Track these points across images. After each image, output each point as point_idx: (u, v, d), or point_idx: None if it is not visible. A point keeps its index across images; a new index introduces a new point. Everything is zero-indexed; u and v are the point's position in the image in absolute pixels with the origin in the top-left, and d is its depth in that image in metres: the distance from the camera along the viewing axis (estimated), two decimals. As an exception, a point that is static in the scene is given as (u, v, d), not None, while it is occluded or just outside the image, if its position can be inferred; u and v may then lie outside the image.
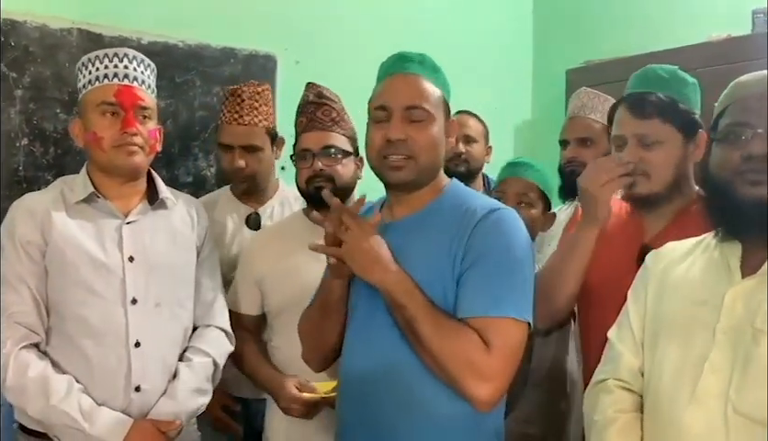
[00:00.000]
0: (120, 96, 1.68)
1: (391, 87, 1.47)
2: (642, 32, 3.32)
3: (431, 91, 1.46)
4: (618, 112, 1.68)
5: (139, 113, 1.70)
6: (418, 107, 1.44)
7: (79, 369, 1.62)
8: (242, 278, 2.03)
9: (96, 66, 1.71)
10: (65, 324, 1.63)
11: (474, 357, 1.31)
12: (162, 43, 2.60)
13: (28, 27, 2.36)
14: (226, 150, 2.23)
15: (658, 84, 1.65)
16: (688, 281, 1.34)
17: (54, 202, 1.68)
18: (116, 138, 1.67)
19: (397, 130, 1.43)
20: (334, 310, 1.53)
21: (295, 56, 2.94)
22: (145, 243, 1.72)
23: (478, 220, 1.40)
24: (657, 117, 1.61)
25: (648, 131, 1.61)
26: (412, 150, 1.43)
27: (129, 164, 1.70)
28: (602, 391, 1.40)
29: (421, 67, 1.48)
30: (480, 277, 1.37)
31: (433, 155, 1.46)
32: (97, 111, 1.68)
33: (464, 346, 1.32)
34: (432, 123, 1.45)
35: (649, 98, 1.62)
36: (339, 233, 1.41)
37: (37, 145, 2.38)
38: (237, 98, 2.21)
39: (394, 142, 1.43)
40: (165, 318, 1.72)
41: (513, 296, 1.37)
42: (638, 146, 1.62)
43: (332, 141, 1.92)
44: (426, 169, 1.46)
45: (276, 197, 2.34)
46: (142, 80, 1.75)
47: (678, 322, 1.31)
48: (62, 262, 1.63)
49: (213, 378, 1.79)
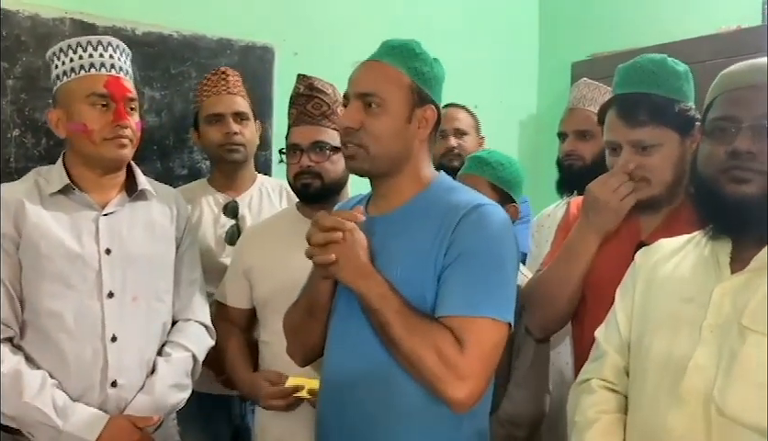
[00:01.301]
0: (111, 88, 1.65)
1: (353, 75, 1.45)
2: (649, 24, 3.25)
3: (390, 77, 1.41)
4: (609, 117, 1.61)
5: (128, 105, 1.68)
6: (371, 95, 1.40)
7: (54, 364, 1.59)
8: (232, 270, 2.01)
9: (78, 54, 1.67)
10: (40, 318, 1.59)
11: (447, 357, 1.27)
12: (156, 33, 2.57)
13: (20, 16, 2.33)
14: (215, 121, 2.24)
15: (648, 82, 1.56)
16: (676, 278, 1.30)
17: (28, 193, 1.64)
18: (107, 130, 1.64)
19: (346, 117, 1.41)
20: (320, 311, 1.50)
21: (293, 48, 2.90)
22: (123, 235, 1.69)
23: (461, 216, 1.35)
24: (650, 123, 1.54)
25: (643, 137, 1.54)
26: (362, 139, 1.40)
27: (119, 157, 1.67)
28: (584, 392, 1.36)
29: (390, 53, 1.43)
30: (459, 276, 1.32)
31: (387, 145, 1.40)
32: (86, 102, 1.65)
33: (436, 346, 1.28)
34: (387, 111, 1.40)
35: (641, 103, 1.54)
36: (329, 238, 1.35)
37: (28, 136, 2.35)
38: (221, 75, 2.29)
39: (346, 130, 1.41)
40: (143, 312, 1.69)
41: (493, 295, 1.32)
42: (634, 152, 1.55)
43: (321, 136, 1.89)
44: (381, 159, 1.41)
45: (254, 186, 2.34)
46: (126, 70, 1.72)
47: (664, 320, 1.27)
48: (36, 255, 1.59)
49: (193, 374, 1.76)
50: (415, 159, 1.44)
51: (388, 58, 1.43)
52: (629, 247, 1.55)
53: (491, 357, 1.31)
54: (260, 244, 1.96)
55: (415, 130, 1.42)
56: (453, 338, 1.28)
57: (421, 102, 1.43)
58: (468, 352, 1.27)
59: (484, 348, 1.29)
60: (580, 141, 2.20)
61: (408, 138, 1.42)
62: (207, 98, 2.28)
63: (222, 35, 2.72)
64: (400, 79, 1.41)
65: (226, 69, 2.33)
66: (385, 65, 1.42)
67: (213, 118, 2.25)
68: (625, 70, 1.63)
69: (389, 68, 1.42)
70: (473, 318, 1.30)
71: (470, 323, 1.29)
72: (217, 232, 2.25)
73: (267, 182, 2.41)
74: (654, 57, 1.61)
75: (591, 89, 2.23)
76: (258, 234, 2.03)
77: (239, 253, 2.02)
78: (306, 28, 2.95)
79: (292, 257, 1.70)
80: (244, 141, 2.26)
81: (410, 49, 1.44)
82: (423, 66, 1.43)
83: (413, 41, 1.47)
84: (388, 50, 1.44)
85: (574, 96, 2.26)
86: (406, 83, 1.41)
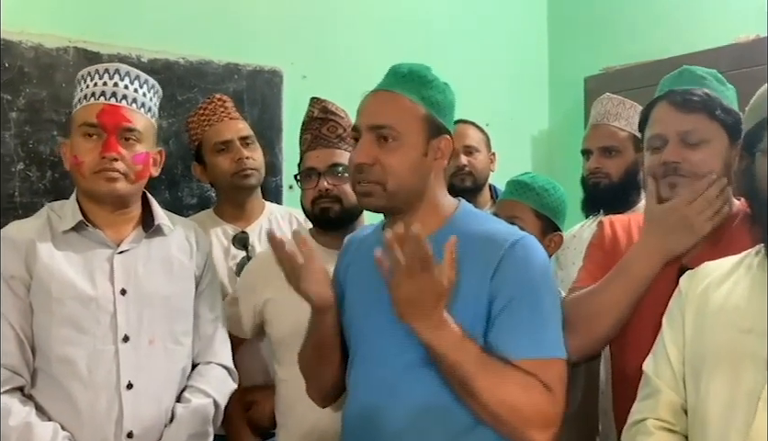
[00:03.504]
0: (102, 117, 1.57)
1: (362, 106, 1.38)
2: (663, 35, 3.19)
3: (404, 108, 1.34)
4: (657, 109, 1.53)
5: (122, 135, 1.58)
6: (385, 127, 1.33)
7: (66, 415, 1.50)
8: (242, 298, 1.92)
9: (86, 83, 1.62)
10: (51, 365, 1.51)
11: (542, 406, 1.25)
12: (162, 60, 2.51)
13: (23, 47, 2.27)
14: (222, 149, 2.18)
15: (699, 83, 1.51)
16: (731, 307, 1.21)
17: (40, 231, 1.57)
18: (95, 163, 1.56)
19: (360, 153, 1.34)
20: (330, 351, 1.43)
21: (302, 71, 2.84)
22: (139, 273, 1.60)
23: (503, 253, 1.29)
24: (703, 112, 1.46)
25: (692, 128, 1.45)
26: (378, 175, 1.32)
27: (108, 192, 1.58)
28: (640, 433, 1.27)
29: (401, 82, 1.36)
30: (521, 316, 1.28)
31: (405, 180, 1.33)
32: (79, 133, 1.58)
33: (529, 397, 1.24)
34: (403, 145, 1.33)
35: (695, 92, 1.48)
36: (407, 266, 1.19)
37: (33, 170, 2.29)
38: (218, 101, 2.24)
39: (359, 167, 1.33)
40: (160, 356, 1.60)
41: (556, 333, 1.31)
42: (681, 145, 1.46)
43: (338, 158, 1.82)
44: (399, 195, 1.34)
45: (263, 216, 2.27)
46: (134, 99, 1.62)
47: (723, 354, 1.19)
48: (47, 297, 1.51)
49: (214, 421, 1.66)
50: (432, 191, 1.38)
51: (399, 87, 1.36)
52: (671, 269, 1.46)
53: (565, 397, 1.29)
54: (275, 275, 1.87)
55: (432, 162, 1.36)
56: (542, 386, 1.24)
57: (436, 132, 1.36)
58: (557, 397, 1.26)
59: (564, 389, 1.27)
60: (605, 157, 2.14)
61: (425, 171, 1.35)
62: (209, 128, 2.21)
63: (230, 60, 2.66)
64: (415, 110, 1.34)
65: (220, 96, 2.28)
66: (398, 95, 1.35)
67: (220, 145, 2.18)
68: (671, 76, 1.58)
69: (403, 98, 1.35)
70: (546, 360, 1.27)
71: (546, 366, 1.27)
72: (228, 265, 2.17)
73: (276, 210, 2.34)
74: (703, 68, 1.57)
75: (615, 104, 2.16)
76: (272, 263, 1.93)
77: (251, 284, 1.92)
78: (314, 50, 2.90)
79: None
80: (257, 166, 2.20)
81: (421, 76, 1.37)
82: (436, 94, 1.37)
83: (423, 67, 1.40)
84: (398, 78, 1.37)
85: (597, 112, 2.20)
86: (421, 114, 1.34)
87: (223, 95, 2.31)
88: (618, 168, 2.11)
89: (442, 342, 1.23)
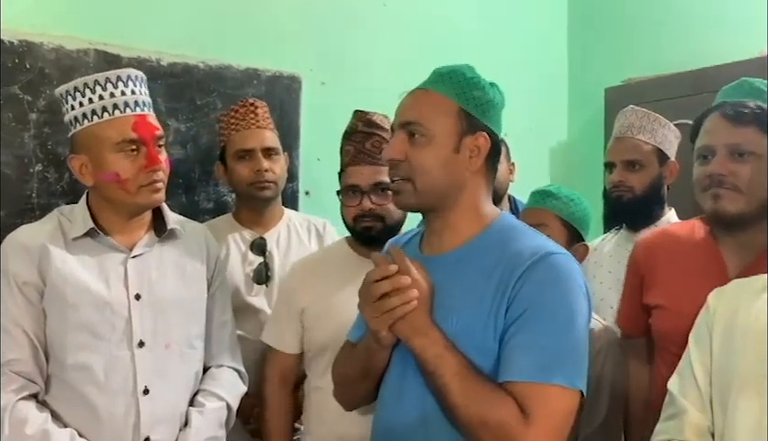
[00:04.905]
0: (140, 130, 1.53)
1: (399, 105, 1.36)
2: (686, 47, 3.14)
3: (435, 104, 1.31)
4: (709, 120, 1.51)
5: (157, 143, 1.57)
6: (413, 123, 1.31)
7: (82, 421, 1.48)
8: (283, 310, 1.88)
9: (98, 94, 1.53)
10: (66, 371, 1.49)
11: (508, 429, 1.15)
12: (182, 64, 2.49)
13: (44, 48, 2.27)
14: (244, 157, 2.15)
15: (755, 96, 1.51)
16: (760, 328, 1.18)
17: (52, 236, 1.54)
18: (142, 177, 1.54)
19: (390, 149, 1.32)
20: (376, 374, 1.40)
21: (321, 77, 2.82)
22: (152, 278, 1.58)
23: (526, 266, 1.22)
24: (755, 125, 1.44)
25: (742, 140, 1.44)
26: (408, 172, 1.30)
27: (155, 202, 1.59)
28: (664, 455, 1.23)
29: (437, 81, 1.34)
30: (527, 335, 1.19)
31: (434, 177, 1.30)
32: (115, 150, 1.52)
33: (497, 416, 1.16)
34: (431, 141, 1.30)
35: (747, 104, 1.46)
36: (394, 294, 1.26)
37: (51, 171, 2.27)
38: (250, 107, 2.20)
39: (391, 162, 1.33)
40: (175, 360, 1.58)
41: (565, 359, 1.19)
42: (729, 157, 1.45)
43: (383, 176, 1.74)
44: (429, 193, 1.31)
45: (282, 223, 2.26)
46: (146, 102, 1.60)
47: (751, 375, 1.16)
48: (61, 303, 1.49)
49: (227, 424, 1.65)
50: (470, 193, 1.33)
51: (435, 85, 1.34)
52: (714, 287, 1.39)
53: (562, 430, 1.19)
54: (312, 283, 1.84)
55: (466, 160, 1.31)
56: (517, 409, 1.16)
57: (471, 129, 1.31)
58: (534, 425, 1.15)
59: (554, 420, 1.17)
60: (628, 171, 2.09)
61: (457, 169, 1.31)
62: (235, 132, 2.19)
63: (249, 65, 2.64)
64: (446, 105, 1.31)
65: (254, 101, 2.24)
66: (431, 93, 1.33)
67: (242, 153, 2.16)
68: (729, 87, 1.60)
69: (435, 95, 1.32)
70: (543, 385, 1.17)
71: (540, 391, 1.17)
72: (245, 270, 2.15)
73: (295, 217, 2.33)
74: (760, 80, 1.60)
75: (639, 117, 2.12)
76: (309, 272, 1.90)
77: (289, 292, 1.89)
78: (333, 57, 2.88)
79: (348, 299, 1.60)
80: (275, 179, 2.17)
81: (459, 73, 1.34)
82: (473, 90, 1.33)
83: (465, 66, 1.38)
84: (436, 77, 1.36)
85: (621, 125, 2.16)
86: (453, 109, 1.31)
87: (258, 100, 2.26)
88: (642, 182, 2.07)
89: (423, 350, 1.23)
